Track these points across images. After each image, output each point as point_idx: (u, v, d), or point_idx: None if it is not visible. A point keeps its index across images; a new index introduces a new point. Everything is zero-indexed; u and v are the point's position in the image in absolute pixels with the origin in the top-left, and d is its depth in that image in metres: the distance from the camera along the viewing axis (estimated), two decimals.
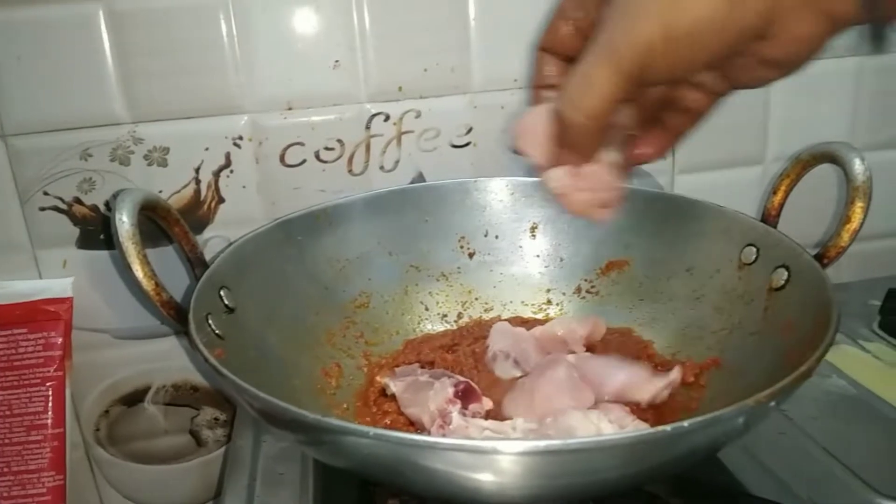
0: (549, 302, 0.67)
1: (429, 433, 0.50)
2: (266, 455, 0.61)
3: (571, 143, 0.40)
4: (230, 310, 0.53)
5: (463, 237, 0.67)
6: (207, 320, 0.50)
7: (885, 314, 0.73)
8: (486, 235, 0.68)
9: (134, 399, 0.77)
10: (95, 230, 0.70)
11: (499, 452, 0.34)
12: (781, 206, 0.57)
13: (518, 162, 0.75)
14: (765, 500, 0.48)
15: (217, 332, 0.50)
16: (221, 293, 0.53)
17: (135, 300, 0.73)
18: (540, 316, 0.67)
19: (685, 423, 0.34)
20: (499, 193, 0.68)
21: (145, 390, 0.76)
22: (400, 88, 0.69)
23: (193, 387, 0.79)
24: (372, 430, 0.34)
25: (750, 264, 0.57)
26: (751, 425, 0.39)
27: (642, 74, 0.35)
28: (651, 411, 0.51)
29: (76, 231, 0.68)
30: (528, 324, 0.65)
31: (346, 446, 0.38)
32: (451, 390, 0.49)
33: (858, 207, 0.49)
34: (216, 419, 0.81)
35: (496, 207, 0.68)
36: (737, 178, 0.84)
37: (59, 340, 0.69)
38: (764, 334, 0.53)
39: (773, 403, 0.37)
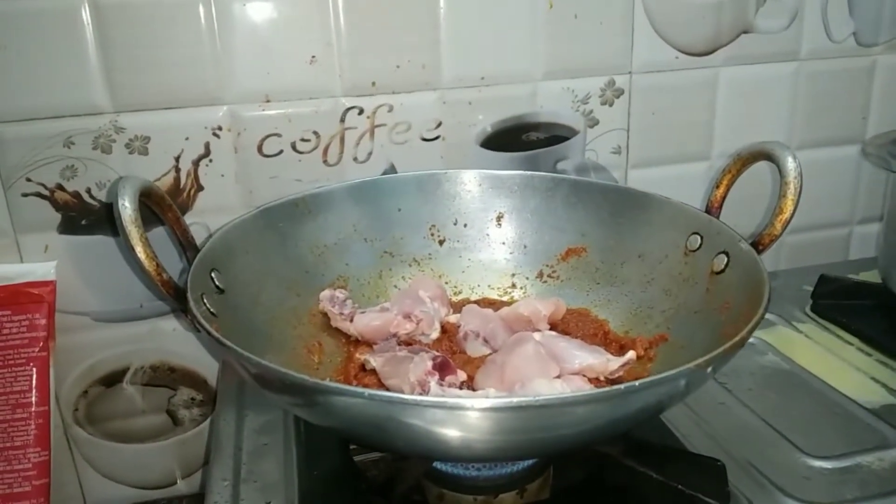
0: (513, 286, 0.71)
1: None
2: (250, 428, 0.65)
3: None
4: (220, 290, 0.57)
5: (433, 225, 0.71)
6: (203, 299, 0.53)
7: (816, 298, 0.81)
8: (455, 224, 0.71)
9: (112, 380, 0.77)
10: (77, 216, 0.72)
11: (472, 409, 0.38)
12: (723, 198, 0.63)
13: (485, 156, 0.80)
14: (706, 457, 0.54)
15: (211, 310, 0.53)
16: (213, 275, 0.57)
17: (114, 284, 0.76)
18: (505, 298, 0.70)
19: (636, 383, 0.39)
20: (467, 185, 0.71)
21: (124, 371, 0.77)
22: (373, 84, 0.73)
23: (170, 368, 0.81)
24: (367, 391, 0.39)
25: (695, 251, 0.63)
26: (691, 388, 0.45)
27: None
28: (607, 383, 0.57)
29: (58, 217, 0.70)
30: (494, 305, 0.70)
31: (340, 406, 0.42)
32: (429, 363, 0.54)
33: (790, 200, 0.56)
34: (192, 399, 0.84)
35: (465, 198, 0.71)
36: (685, 172, 0.90)
37: (43, 322, 0.71)
38: (705, 312, 0.59)
39: (709, 369, 0.43)
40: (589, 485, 0.54)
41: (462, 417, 0.39)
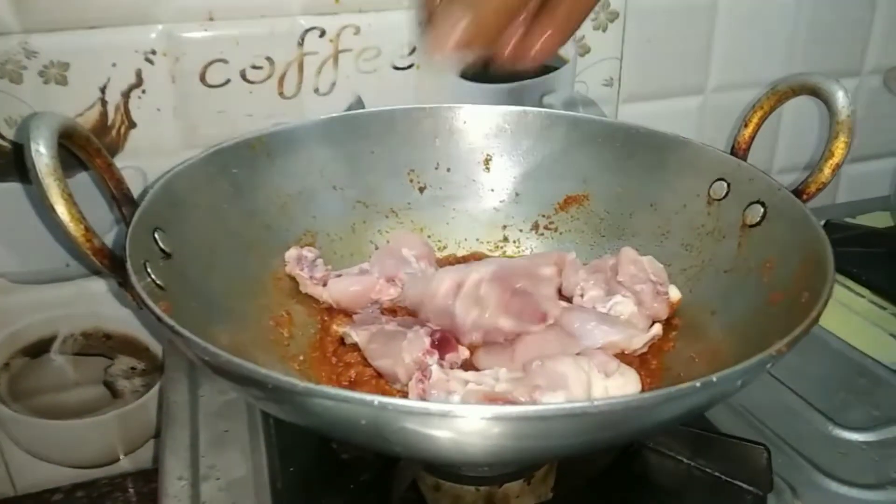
0: (505, 239, 0.64)
1: (402, 389, 0.46)
2: (206, 411, 0.56)
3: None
4: (167, 255, 0.47)
5: (412, 170, 0.63)
6: (146, 269, 0.43)
7: None
8: (437, 168, 0.63)
9: (38, 350, 0.70)
10: None
11: (525, 417, 0.30)
12: (752, 139, 0.55)
13: (468, 87, 0.70)
14: (745, 441, 0.47)
15: (158, 282, 0.43)
16: (156, 236, 0.47)
17: (33, 239, 0.65)
18: (497, 254, 0.64)
19: (713, 378, 0.31)
20: (450, 122, 0.63)
21: (51, 340, 0.70)
22: (337, 0, 0.64)
23: (105, 334, 0.72)
24: (377, 399, 0.30)
25: (720, 199, 0.56)
26: (757, 376, 0.38)
27: None
28: (632, 358, 0.49)
29: None
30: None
31: (335, 413, 0.33)
32: (426, 340, 0.45)
33: (842, 142, 0.48)
34: (133, 368, 0.75)
35: (447, 138, 0.63)
36: (677, 108, 0.84)
37: None
38: (739, 272, 0.52)
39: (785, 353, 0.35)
40: (608, 474, 0.47)
41: (501, 426, 0.31)
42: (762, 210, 0.52)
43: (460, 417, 0.30)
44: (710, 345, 0.49)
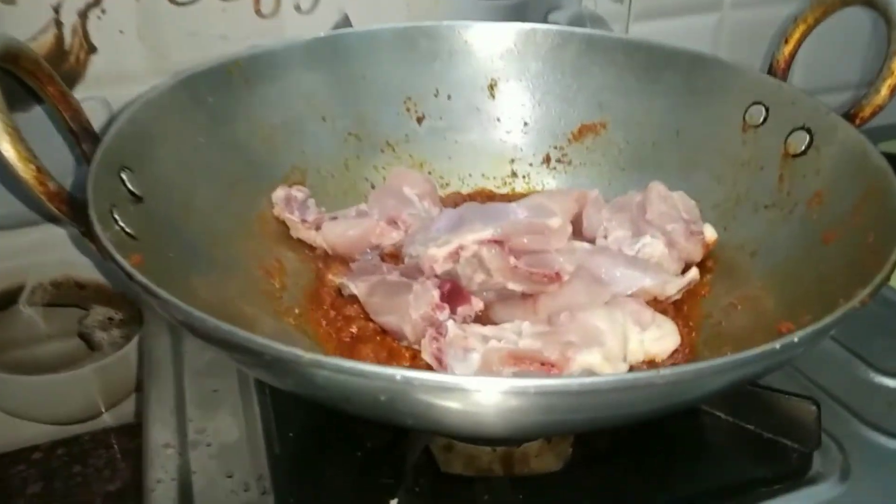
0: (513, 174, 0.59)
1: (410, 346, 0.41)
2: (192, 368, 0.50)
3: None
4: (137, 198, 0.41)
5: (409, 98, 0.57)
6: (113, 215, 0.37)
7: None
8: (436, 95, 0.58)
9: (5, 301, 0.65)
10: None
11: (575, 390, 0.25)
12: (793, 57, 0.50)
13: (467, 3, 0.63)
14: (793, 395, 0.43)
15: (128, 230, 0.37)
16: (123, 176, 0.41)
17: None
18: (505, 190, 0.59)
19: (777, 345, 0.27)
20: (449, 42, 0.57)
21: (18, 290, 0.65)
22: None
23: (78, 283, 0.67)
24: (399, 373, 0.25)
25: (757, 126, 0.50)
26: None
27: None
28: (666, 304, 0.45)
29: None
30: (493, 199, 0.56)
31: (347, 387, 0.28)
32: (435, 293, 0.40)
33: None
34: (110, 319, 0.69)
35: (448, 60, 0.57)
36: (692, 26, 0.77)
37: None
38: (782, 208, 0.46)
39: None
40: (636, 433, 0.43)
41: (553, 400, 0.26)
42: (807, 137, 0.47)
43: (507, 392, 0.25)
44: (751, 290, 0.44)
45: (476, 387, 0.25)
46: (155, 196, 0.43)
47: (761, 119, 0.50)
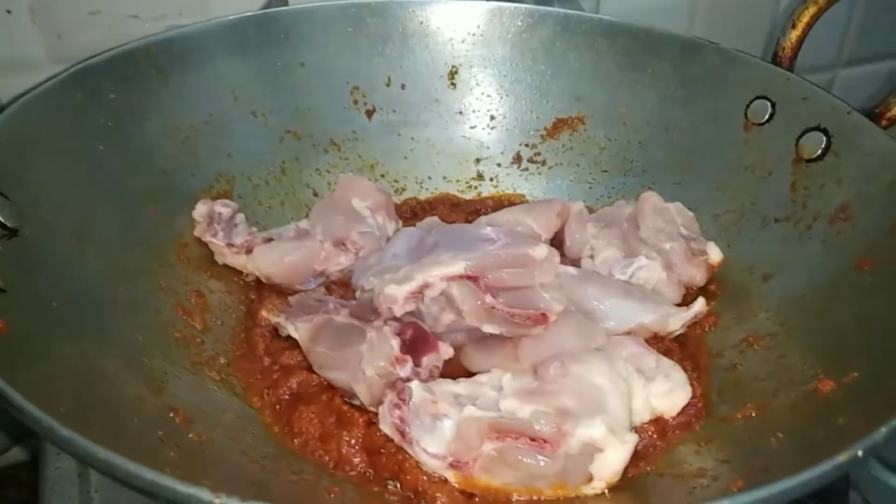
0: (480, 176, 0.54)
1: (364, 407, 0.33)
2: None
3: None
4: (11, 231, 0.33)
5: (356, 88, 0.52)
6: None
7: None
8: (388, 85, 0.52)
9: None
10: None
11: None
12: (800, 44, 0.43)
13: None
14: None
15: None
16: None
17: None
18: (470, 195, 0.53)
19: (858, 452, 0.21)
20: (402, 22, 0.52)
21: None
22: None
23: None
24: None
25: (761, 124, 0.44)
26: None
27: None
28: (668, 341, 0.38)
29: None
30: (458, 207, 0.49)
31: None
32: (395, 343, 0.33)
33: None
34: None
35: (400, 44, 0.53)
36: (664, 3, 0.70)
37: None
38: (798, 222, 0.40)
39: None
40: None
41: None
42: (824, 139, 0.42)
43: None
44: (768, 325, 0.38)
45: None
46: (36, 226, 0.35)
47: (766, 116, 0.45)
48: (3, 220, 0.33)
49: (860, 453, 0.22)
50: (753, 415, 0.33)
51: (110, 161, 0.42)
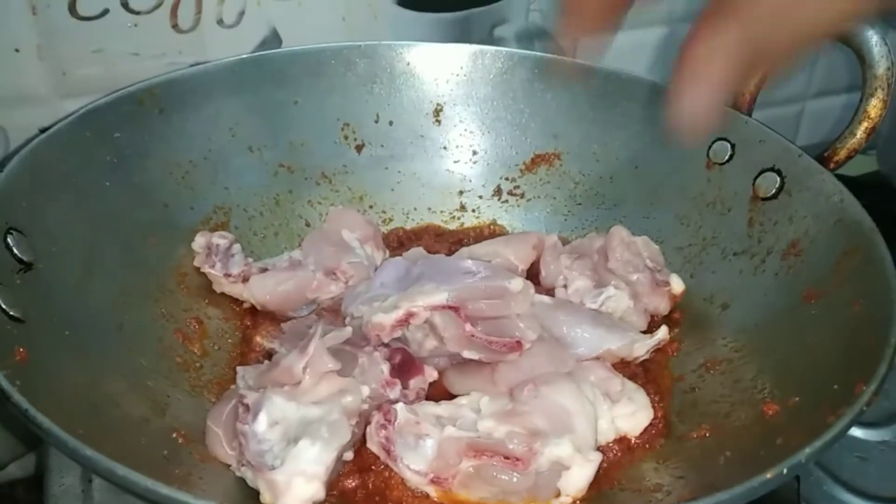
0: (462, 208, 0.57)
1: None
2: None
3: None
4: (27, 266, 0.35)
5: (347, 124, 0.54)
6: None
7: None
8: (376, 122, 0.55)
9: None
10: None
11: None
12: (759, 90, 0.47)
13: (402, 17, 0.59)
14: None
15: (11, 312, 0.31)
16: (9, 240, 0.35)
17: None
18: (453, 225, 0.56)
19: (802, 458, 0.24)
20: (390, 63, 0.54)
21: None
22: None
23: None
24: None
25: (721, 164, 0.48)
26: None
27: None
28: (634, 366, 0.41)
29: None
30: (441, 237, 0.52)
31: None
32: (385, 367, 0.36)
33: (879, 101, 0.40)
34: None
35: (387, 83, 0.55)
36: (640, 41, 0.73)
37: None
38: (753, 255, 0.44)
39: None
40: None
41: None
42: (778, 180, 0.45)
43: None
44: (725, 351, 0.41)
45: None
46: (48, 259, 0.38)
47: (726, 156, 0.48)
48: (20, 255, 0.35)
49: (785, 471, 0.25)
50: (707, 435, 0.36)
51: (115, 196, 0.44)
